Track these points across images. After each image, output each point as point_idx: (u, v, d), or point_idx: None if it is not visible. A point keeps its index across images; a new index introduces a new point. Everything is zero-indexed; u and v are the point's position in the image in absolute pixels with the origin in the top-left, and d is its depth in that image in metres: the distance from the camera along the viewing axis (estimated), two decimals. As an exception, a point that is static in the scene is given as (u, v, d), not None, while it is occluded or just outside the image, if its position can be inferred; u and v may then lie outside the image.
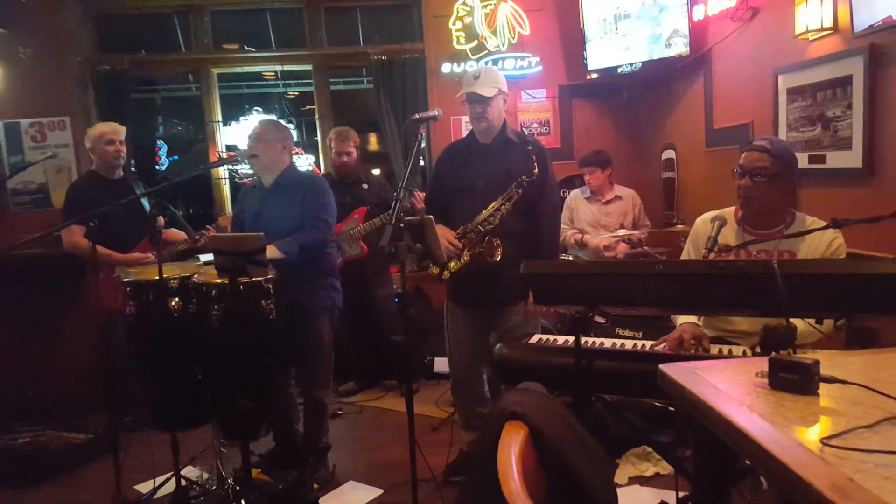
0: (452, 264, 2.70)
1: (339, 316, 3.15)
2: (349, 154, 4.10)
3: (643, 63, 4.24)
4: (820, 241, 2.17)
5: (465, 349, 2.92)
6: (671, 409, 2.99)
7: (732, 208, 2.39)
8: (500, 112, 2.78)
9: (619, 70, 4.37)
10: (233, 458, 2.85)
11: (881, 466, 0.83)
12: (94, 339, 3.12)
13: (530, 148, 2.70)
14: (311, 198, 2.93)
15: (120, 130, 3.65)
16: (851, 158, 2.74)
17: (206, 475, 3.03)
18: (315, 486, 2.93)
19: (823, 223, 2.17)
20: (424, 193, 3.48)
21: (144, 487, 2.98)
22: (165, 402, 2.72)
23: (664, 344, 2.15)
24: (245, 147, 3.04)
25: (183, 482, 2.77)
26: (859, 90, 2.66)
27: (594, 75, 4.54)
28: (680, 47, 4.04)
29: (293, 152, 3.13)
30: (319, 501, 2.69)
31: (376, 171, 4.81)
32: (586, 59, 4.52)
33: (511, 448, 1.07)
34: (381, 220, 3.92)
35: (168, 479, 2.81)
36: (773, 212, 2.26)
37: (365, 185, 4.19)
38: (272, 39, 5.15)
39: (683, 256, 2.53)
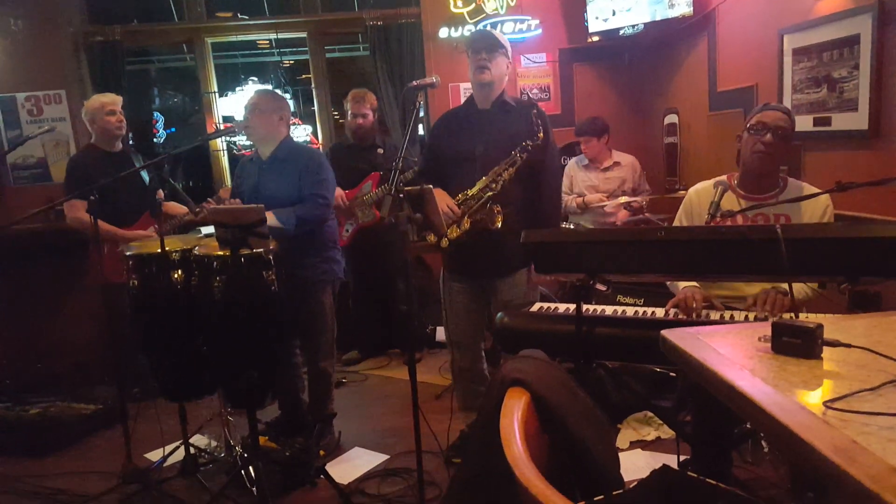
0: (452, 232, 2.63)
1: (352, 284, 3.13)
2: (365, 116, 4.05)
3: (645, 24, 4.16)
4: (816, 207, 2.19)
5: (463, 324, 2.84)
6: (672, 374, 3.03)
7: (725, 176, 2.38)
8: (502, 73, 2.69)
9: (621, 32, 4.29)
10: (240, 426, 2.89)
11: (885, 429, 0.83)
12: (99, 312, 3.13)
13: (535, 111, 2.62)
14: (309, 173, 2.90)
15: (118, 100, 3.61)
16: (857, 120, 2.71)
17: (214, 443, 3.08)
18: (321, 452, 2.98)
19: (817, 189, 2.21)
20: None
21: (154, 456, 3.03)
22: (172, 374, 2.74)
23: (674, 309, 2.15)
24: (241, 118, 3.01)
25: (192, 450, 2.82)
26: (867, 50, 2.61)
27: (595, 38, 4.46)
28: (683, 7, 3.95)
29: (290, 123, 3.10)
30: (326, 467, 2.73)
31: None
32: (587, 22, 4.44)
33: (514, 414, 1.08)
34: (385, 190, 3.90)
35: (177, 448, 2.86)
36: (771, 175, 2.30)
37: (380, 150, 4.13)
38: (266, 7, 5.06)
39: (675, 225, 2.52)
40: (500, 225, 2.55)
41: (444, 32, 4.63)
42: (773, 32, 3.20)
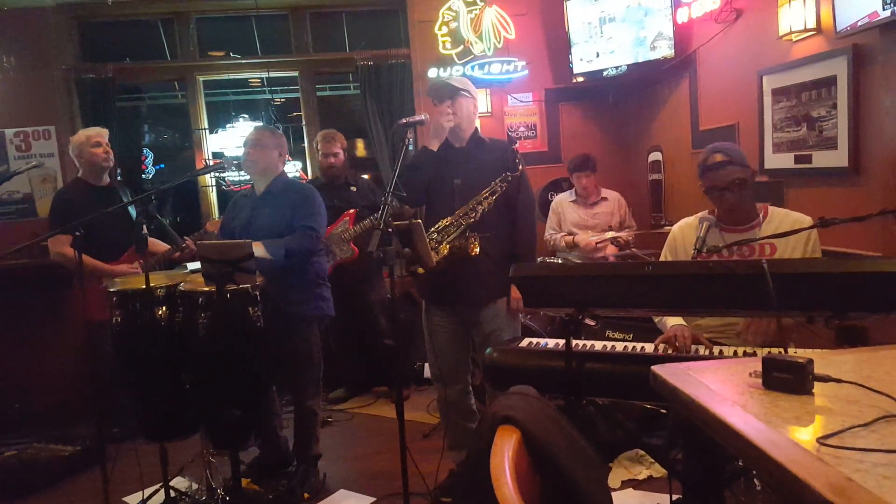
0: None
1: (331, 321, 3.11)
2: (336, 155, 4.09)
3: (628, 66, 4.26)
4: (799, 236, 2.20)
5: (447, 356, 2.82)
6: (662, 410, 3.00)
7: (706, 212, 2.41)
8: (469, 112, 2.77)
9: (605, 73, 4.39)
10: (222, 468, 2.81)
11: (880, 466, 0.82)
12: (79, 349, 3.08)
13: (516, 146, 2.73)
14: (301, 207, 2.92)
15: (104, 133, 3.61)
16: (837, 158, 2.76)
17: (195, 485, 2.99)
18: (305, 495, 2.90)
19: (799, 215, 2.25)
20: None
21: (133, 499, 2.94)
22: (153, 412, 2.69)
23: (663, 345, 2.15)
24: (231, 155, 3.03)
25: (172, 493, 2.74)
26: (843, 90, 2.69)
27: (580, 79, 4.56)
28: (665, 50, 4.06)
29: (286, 159, 3.13)
30: (311, 510, 2.66)
31: (365, 176, 4.78)
32: (572, 63, 4.54)
33: (504, 452, 1.06)
34: (371, 223, 3.90)
35: (157, 491, 2.78)
36: (747, 210, 2.33)
37: (353, 188, 4.18)
38: (258, 46, 5.12)
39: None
40: (477, 251, 2.57)
41: (433, 72, 4.70)
42: (753, 73, 3.29)
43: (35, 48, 4.49)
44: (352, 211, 4.07)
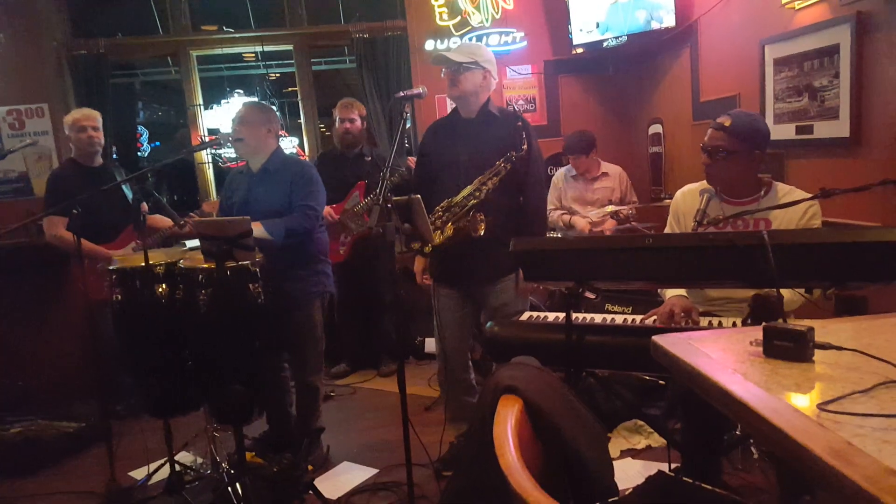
0: (436, 238, 2.63)
1: (337, 295, 3.10)
2: (352, 121, 4.05)
3: (629, 36, 4.20)
4: (795, 210, 2.18)
5: (451, 330, 2.84)
6: (661, 382, 3.03)
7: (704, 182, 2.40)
8: (475, 85, 2.71)
9: (605, 44, 4.34)
10: (226, 443, 2.84)
11: (879, 430, 0.83)
12: (81, 328, 3.08)
13: (521, 123, 2.66)
14: (299, 184, 2.89)
15: (93, 116, 3.57)
16: (838, 128, 2.74)
17: (200, 460, 3.03)
18: (309, 467, 2.93)
19: (802, 192, 2.20)
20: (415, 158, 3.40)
21: (139, 474, 2.97)
22: (156, 389, 2.70)
23: (654, 318, 2.16)
24: (227, 130, 2.99)
25: (177, 467, 2.76)
26: (846, 59, 2.65)
27: (580, 50, 4.50)
28: (666, 19, 4.00)
29: (280, 134, 3.09)
30: (314, 482, 2.69)
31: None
32: (571, 34, 4.48)
33: (507, 421, 1.07)
34: (373, 200, 3.87)
35: (162, 465, 2.81)
36: (743, 183, 2.27)
37: (368, 158, 4.13)
38: (251, 20, 5.05)
39: (667, 231, 2.53)
40: (482, 233, 2.55)
41: (430, 45, 4.64)
42: (755, 43, 3.25)
43: (25, 24, 4.42)
44: (361, 183, 4.03)
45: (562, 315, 2.16)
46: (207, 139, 4.92)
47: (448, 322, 2.84)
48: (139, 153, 7.24)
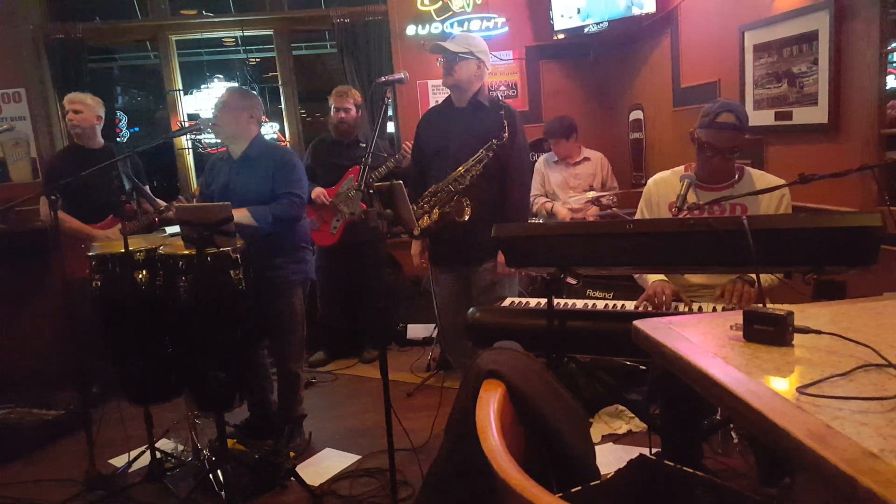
0: (423, 221, 2.82)
1: (320, 282, 3.11)
2: (347, 111, 4.00)
3: (609, 22, 4.20)
4: (772, 195, 2.21)
5: (448, 314, 3.03)
6: (642, 367, 3.06)
7: (682, 167, 2.41)
8: (470, 75, 2.84)
9: (586, 30, 4.33)
10: (207, 430, 2.82)
11: (858, 413, 0.84)
12: (58, 314, 3.05)
13: (504, 111, 2.77)
14: (282, 172, 2.86)
15: (77, 99, 3.56)
16: (817, 114, 2.77)
17: (181, 447, 3.01)
18: (291, 454, 2.92)
19: (775, 177, 2.24)
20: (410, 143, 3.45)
21: (119, 461, 2.94)
22: (137, 376, 2.68)
23: (644, 303, 2.17)
24: (208, 116, 2.95)
25: (158, 455, 2.75)
26: (825, 45, 2.68)
27: (560, 35, 4.49)
28: (646, 5, 4.00)
29: (262, 121, 3.05)
30: (296, 469, 2.69)
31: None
32: (552, 19, 4.46)
33: (489, 405, 1.07)
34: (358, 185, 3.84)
35: (143, 453, 2.79)
36: (725, 171, 2.30)
37: (363, 145, 4.08)
38: (231, 4, 4.97)
39: (637, 218, 2.54)
40: (466, 217, 2.73)
41: (411, 30, 4.60)
42: (734, 29, 3.26)
43: (1, 8, 4.33)
44: (356, 167, 3.98)
45: (544, 301, 2.17)
46: (187, 124, 4.85)
47: (444, 297, 3.04)
48: (118, 139, 7.12)
